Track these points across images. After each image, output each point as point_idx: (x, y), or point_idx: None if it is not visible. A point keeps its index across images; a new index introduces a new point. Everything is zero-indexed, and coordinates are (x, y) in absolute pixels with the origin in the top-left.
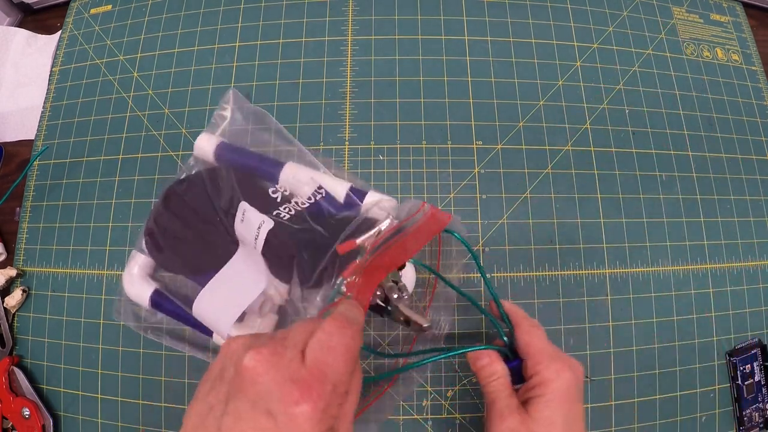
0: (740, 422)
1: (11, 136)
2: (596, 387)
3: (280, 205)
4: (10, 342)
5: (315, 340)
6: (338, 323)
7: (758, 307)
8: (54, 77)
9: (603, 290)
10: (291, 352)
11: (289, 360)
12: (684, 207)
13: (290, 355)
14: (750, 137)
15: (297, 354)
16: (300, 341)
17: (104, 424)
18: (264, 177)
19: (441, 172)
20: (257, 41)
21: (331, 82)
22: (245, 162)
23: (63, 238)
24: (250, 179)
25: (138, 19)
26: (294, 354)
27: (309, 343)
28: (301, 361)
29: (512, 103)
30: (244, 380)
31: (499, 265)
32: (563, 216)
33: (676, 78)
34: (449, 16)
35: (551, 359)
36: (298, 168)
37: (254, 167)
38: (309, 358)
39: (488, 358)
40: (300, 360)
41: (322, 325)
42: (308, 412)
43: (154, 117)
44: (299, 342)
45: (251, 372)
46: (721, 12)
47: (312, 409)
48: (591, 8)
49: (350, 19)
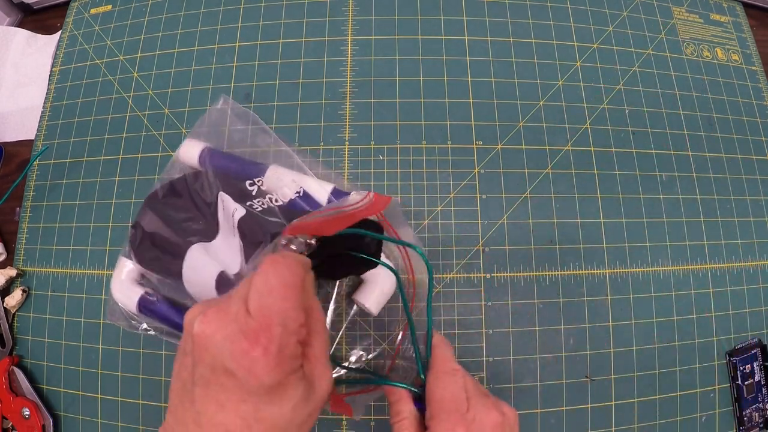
0: (740, 422)
1: (11, 136)
2: (596, 387)
3: (254, 198)
4: (10, 342)
5: (253, 287)
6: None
7: (758, 307)
8: (54, 77)
9: (603, 290)
10: (235, 305)
11: (234, 314)
12: (684, 207)
13: (235, 309)
14: (750, 137)
15: (241, 306)
16: (243, 293)
17: (104, 424)
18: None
19: (441, 172)
20: (257, 41)
21: (331, 82)
22: (229, 165)
23: (63, 238)
24: (231, 179)
25: (138, 19)
26: (238, 307)
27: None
28: (246, 312)
29: (512, 103)
30: (199, 346)
31: (499, 265)
32: (563, 216)
33: (676, 78)
34: (449, 16)
35: (447, 415)
36: (281, 171)
37: (239, 170)
38: (252, 306)
39: (398, 395)
40: (245, 311)
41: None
42: (261, 358)
43: (154, 117)
44: (242, 294)
45: (202, 337)
46: (721, 12)
47: (263, 353)
48: (591, 8)
49: (350, 19)
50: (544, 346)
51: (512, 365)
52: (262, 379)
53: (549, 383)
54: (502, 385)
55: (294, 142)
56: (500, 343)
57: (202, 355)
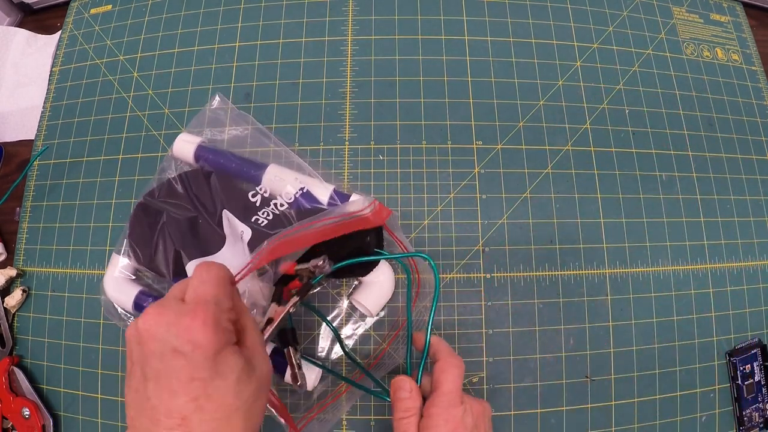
0: (740, 422)
1: (11, 136)
2: (596, 387)
3: (259, 209)
4: (10, 342)
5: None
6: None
7: (758, 307)
8: (54, 77)
9: (603, 290)
10: (172, 300)
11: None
12: (684, 207)
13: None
14: (750, 137)
15: (178, 300)
16: (178, 291)
17: (104, 424)
18: (246, 179)
19: (441, 172)
20: (257, 41)
21: (331, 82)
22: (227, 164)
23: (63, 238)
24: (231, 181)
25: (138, 19)
26: (175, 301)
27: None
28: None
29: (512, 103)
30: (145, 342)
31: (499, 265)
32: (563, 216)
33: (676, 78)
34: (449, 16)
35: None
36: (281, 169)
37: (236, 169)
38: (188, 297)
39: (409, 392)
40: (181, 302)
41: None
42: (200, 326)
43: (154, 117)
44: (177, 292)
45: (147, 332)
46: (721, 12)
47: (202, 322)
48: (591, 8)
49: (350, 19)
50: (544, 346)
51: (512, 365)
52: (205, 348)
53: (549, 383)
54: (502, 385)
55: (294, 142)
56: (500, 343)
57: (151, 346)
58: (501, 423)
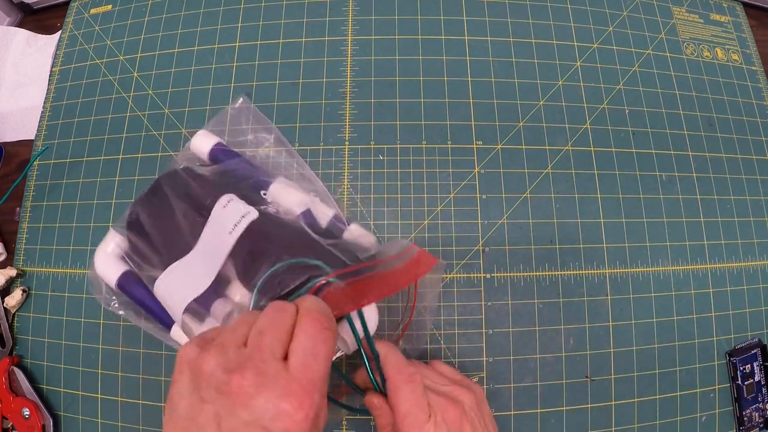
0: (740, 422)
1: (11, 136)
2: (596, 387)
3: (269, 204)
4: (10, 342)
5: (299, 348)
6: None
7: (758, 307)
8: (54, 77)
9: (603, 290)
10: (273, 365)
11: (274, 375)
12: (684, 207)
13: (274, 370)
14: (750, 137)
15: (280, 365)
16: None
17: (104, 424)
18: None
19: (441, 172)
20: (257, 41)
21: (331, 82)
22: (238, 167)
23: (63, 238)
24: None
25: (138, 19)
26: (278, 367)
27: (293, 349)
28: (286, 372)
29: (512, 103)
30: (235, 404)
31: (499, 265)
32: (563, 216)
33: (676, 78)
34: (449, 16)
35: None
36: (289, 186)
37: (247, 175)
38: (295, 367)
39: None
40: (285, 370)
41: (303, 326)
42: (302, 422)
43: (154, 117)
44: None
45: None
46: (721, 12)
47: (304, 418)
48: (591, 8)
49: (350, 19)
50: (544, 346)
51: (512, 365)
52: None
53: (549, 383)
54: (502, 385)
55: (294, 142)
56: (500, 343)
57: (239, 413)
58: (501, 423)
